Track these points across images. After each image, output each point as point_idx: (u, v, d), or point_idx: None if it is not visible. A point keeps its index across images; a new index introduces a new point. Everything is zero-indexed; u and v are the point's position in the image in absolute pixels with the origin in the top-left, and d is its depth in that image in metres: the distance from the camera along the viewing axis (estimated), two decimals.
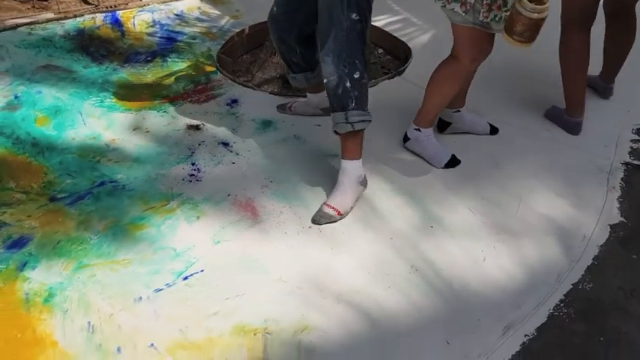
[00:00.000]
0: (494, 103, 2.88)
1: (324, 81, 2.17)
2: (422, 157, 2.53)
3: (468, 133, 2.67)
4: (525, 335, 1.82)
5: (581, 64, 2.60)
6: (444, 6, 2.17)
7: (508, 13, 2.01)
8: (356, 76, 2.13)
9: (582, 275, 2.02)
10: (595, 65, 2.97)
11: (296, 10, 2.32)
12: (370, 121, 2.21)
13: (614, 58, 2.82)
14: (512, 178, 2.43)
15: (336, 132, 2.23)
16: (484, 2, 2.05)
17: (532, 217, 2.25)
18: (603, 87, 2.94)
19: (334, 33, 2.09)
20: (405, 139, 2.58)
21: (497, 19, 2.09)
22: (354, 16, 2.09)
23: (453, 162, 2.50)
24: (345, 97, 2.15)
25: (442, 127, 2.66)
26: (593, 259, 2.09)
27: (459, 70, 2.33)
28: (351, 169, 2.25)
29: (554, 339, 1.81)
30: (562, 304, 1.92)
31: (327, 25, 2.11)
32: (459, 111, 2.62)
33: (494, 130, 2.69)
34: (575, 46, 2.55)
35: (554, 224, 2.22)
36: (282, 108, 2.83)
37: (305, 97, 2.79)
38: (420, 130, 2.50)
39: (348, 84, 2.13)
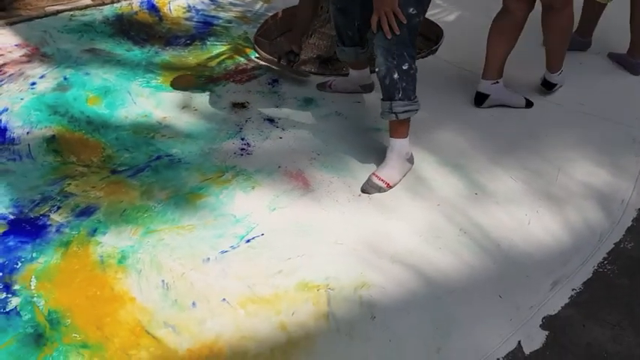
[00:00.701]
0: (528, 79, 2.97)
1: (376, 69, 2.25)
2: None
3: (504, 105, 2.77)
4: (573, 289, 1.93)
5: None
6: None
7: None
8: (404, 67, 2.19)
9: (623, 235, 2.12)
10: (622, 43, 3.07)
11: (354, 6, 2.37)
12: (417, 110, 2.29)
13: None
14: (550, 149, 2.53)
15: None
16: None
17: (571, 184, 2.35)
18: (632, 63, 3.03)
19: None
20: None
21: None
22: (411, 10, 2.14)
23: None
24: (392, 88, 2.22)
25: (480, 100, 2.76)
26: (632, 220, 2.19)
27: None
28: (399, 146, 2.34)
29: (600, 292, 1.91)
30: (605, 262, 2.02)
31: None
32: (497, 82, 2.72)
33: (529, 104, 2.79)
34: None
35: (593, 190, 2.32)
36: (322, 86, 2.94)
37: (346, 75, 2.89)
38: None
39: (395, 75, 2.19)
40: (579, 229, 2.15)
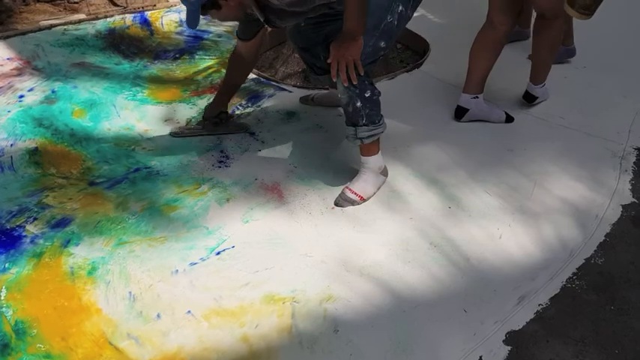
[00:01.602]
0: (508, 93, 2.97)
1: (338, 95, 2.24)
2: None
3: (484, 121, 2.78)
4: (539, 304, 1.92)
5: None
6: None
7: None
8: (367, 95, 2.17)
9: (594, 251, 2.11)
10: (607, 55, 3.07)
11: (325, 24, 2.37)
12: (382, 131, 2.28)
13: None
14: (529, 163, 2.53)
15: None
16: None
17: (547, 199, 2.35)
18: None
19: None
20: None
21: None
22: (382, 44, 2.14)
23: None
24: (355, 115, 2.21)
25: (460, 113, 2.77)
26: (605, 236, 2.18)
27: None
28: (371, 162, 2.34)
29: (566, 308, 1.90)
30: (575, 277, 2.01)
31: None
32: (477, 97, 2.73)
33: (509, 119, 2.79)
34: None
35: (569, 205, 2.32)
36: (304, 100, 2.96)
37: (327, 89, 2.92)
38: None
39: (358, 103, 2.17)
40: (551, 244, 2.14)
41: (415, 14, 2.33)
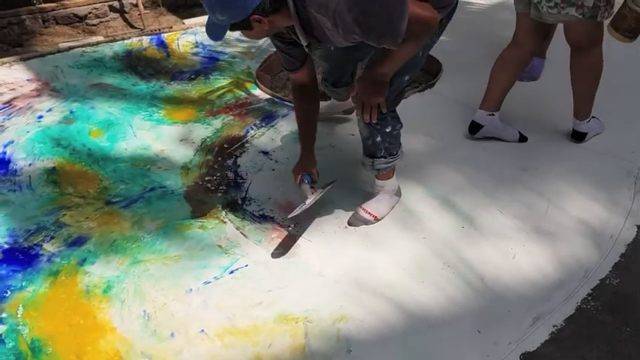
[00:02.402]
0: (523, 112, 2.97)
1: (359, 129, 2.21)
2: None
3: (498, 139, 2.78)
4: (554, 325, 1.90)
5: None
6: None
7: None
8: (387, 130, 2.16)
9: (610, 271, 2.09)
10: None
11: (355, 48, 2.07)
12: (398, 160, 2.27)
13: None
14: (542, 182, 2.52)
15: None
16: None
17: (561, 218, 2.34)
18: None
19: None
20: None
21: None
22: (406, 78, 2.10)
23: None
24: (374, 148, 2.21)
25: (474, 129, 2.77)
26: (620, 256, 2.16)
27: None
28: (386, 184, 2.34)
29: (581, 329, 1.88)
30: (590, 298, 1.99)
31: None
32: (492, 114, 2.74)
33: (523, 139, 2.79)
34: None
35: (583, 224, 2.30)
36: None
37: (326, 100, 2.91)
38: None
39: (378, 138, 2.17)
40: (565, 264, 2.13)
41: None
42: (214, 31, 1.75)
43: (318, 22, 1.75)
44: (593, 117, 2.75)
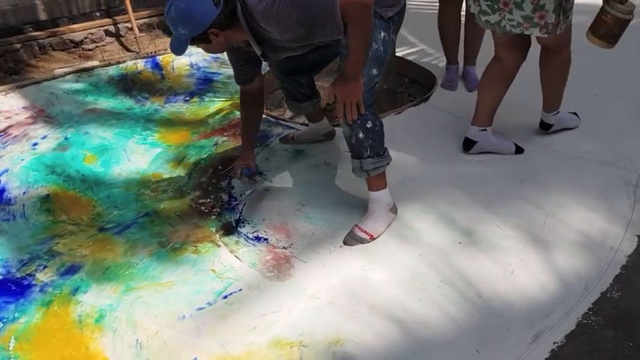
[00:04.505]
0: (518, 123, 2.95)
1: (342, 130, 2.25)
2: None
3: (493, 152, 2.75)
4: (554, 342, 1.85)
5: None
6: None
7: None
8: (368, 125, 2.17)
9: (610, 284, 2.05)
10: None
11: (311, 53, 2.24)
12: (387, 163, 2.27)
13: None
14: (540, 194, 2.49)
15: None
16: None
17: (559, 230, 2.30)
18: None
19: None
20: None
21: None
22: (374, 71, 2.15)
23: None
24: (358, 146, 2.21)
25: (468, 145, 2.75)
26: (621, 268, 2.11)
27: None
28: (380, 198, 2.33)
29: (582, 345, 1.84)
30: (590, 312, 1.95)
31: None
32: (485, 129, 2.71)
33: (519, 150, 2.76)
34: None
35: (582, 236, 2.26)
36: (284, 139, 2.96)
37: (306, 125, 2.93)
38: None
39: (361, 135, 2.18)
40: (565, 277, 2.09)
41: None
42: (176, 46, 1.95)
43: (267, 33, 1.94)
44: (570, 112, 2.88)
